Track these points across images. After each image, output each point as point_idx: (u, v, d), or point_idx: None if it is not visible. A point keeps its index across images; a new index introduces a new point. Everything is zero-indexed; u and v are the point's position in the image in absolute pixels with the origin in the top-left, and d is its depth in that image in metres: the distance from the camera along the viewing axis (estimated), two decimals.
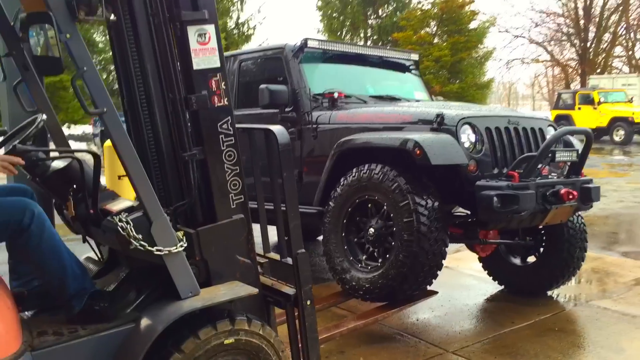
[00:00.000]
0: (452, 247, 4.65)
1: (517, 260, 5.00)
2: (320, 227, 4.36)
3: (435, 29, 27.58)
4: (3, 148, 2.48)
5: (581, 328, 4.29)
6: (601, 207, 9.06)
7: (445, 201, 3.98)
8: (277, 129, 2.88)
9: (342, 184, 4.15)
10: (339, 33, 30.84)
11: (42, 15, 2.13)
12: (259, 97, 4.51)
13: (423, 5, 28.00)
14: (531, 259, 4.96)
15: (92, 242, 2.98)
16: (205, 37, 2.61)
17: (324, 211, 4.29)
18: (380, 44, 29.17)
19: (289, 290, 2.88)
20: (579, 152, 4.22)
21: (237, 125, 2.78)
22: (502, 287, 5.13)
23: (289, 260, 2.92)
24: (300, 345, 2.87)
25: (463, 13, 27.01)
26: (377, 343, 4.00)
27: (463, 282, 5.43)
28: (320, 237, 4.49)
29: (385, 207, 3.92)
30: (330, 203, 4.21)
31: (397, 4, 30.57)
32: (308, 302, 2.82)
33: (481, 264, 5.18)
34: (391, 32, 28.66)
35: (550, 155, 3.95)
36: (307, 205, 4.40)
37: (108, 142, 5.71)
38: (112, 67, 25.58)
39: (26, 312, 2.61)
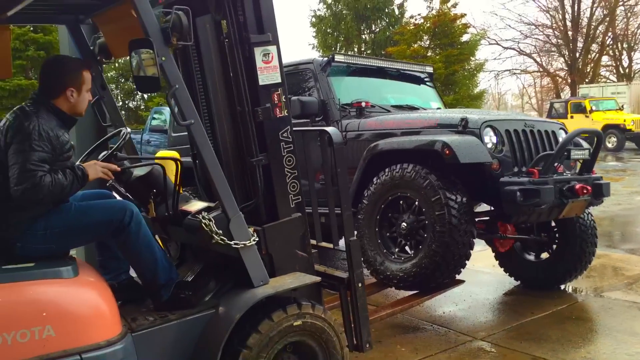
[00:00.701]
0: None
1: (531, 257, 5.37)
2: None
3: (428, 42, 28.09)
4: (100, 156, 2.82)
5: (596, 316, 4.64)
6: (601, 209, 9.43)
7: (470, 198, 4.34)
8: (331, 129, 3.27)
9: (375, 182, 4.51)
10: (333, 48, 31.30)
11: (143, 41, 2.48)
12: (291, 107, 4.86)
13: (416, 19, 28.50)
14: (544, 255, 5.32)
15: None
16: (269, 57, 2.97)
17: (356, 211, 4.63)
18: None
19: (342, 274, 3.23)
20: (591, 151, 4.61)
21: (295, 128, 3.13)
22: (518, 282, 5.48)
23: (342, 247, 3.27)
24: (352, 323, 3.21)
25: (455, 27, 27.52)
26: (410, 333, 4.34)
27: (481, 279, 5.78)
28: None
29: (417, 203, 4.29)
30: (364, 201, 4.57)
31: (390, 19, 31.08)
32: (359, 285, 3.18)
33: (498, 262, 5.53)
34: (385, 46, 29.12)
35: (566, 153, 4.35)
36: (338, 207, 4.74)
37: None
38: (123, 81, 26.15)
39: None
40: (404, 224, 4.37)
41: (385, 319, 4.55)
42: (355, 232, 4.67)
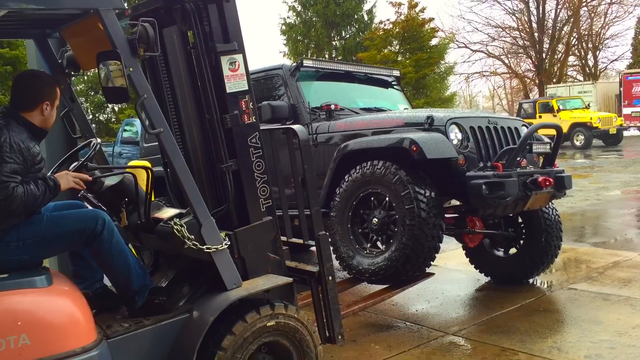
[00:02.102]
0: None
1: (500, 253, 5.53)
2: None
3: (398, 47, 28.45)
4: (72, 166, 2.86)
5: (563, 307, 4.80)
6: (569, 205, 9.72)
7: (440, 194, 4.46)
8: (297, 127, 3.36)
9: (346, 180, 4.63)
10: (304, 55, 31.47)
11: (111, 53, 2.54)
12: (262, 112, 4.95)
13: (385, 25, 28.86)
14: (512, 250, 5.48)
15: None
16: (235, 65, 3.04)
17: (327, 212, 4.72)
18: None
19: (313, 268, 3.31)
20: (552, 145, 4.79)
21: (262, 127, 3.21)
22: (488, 278, 5.62)
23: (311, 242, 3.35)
24: (324, 317, 3.30)
25: (424, 31, 27.95)
26: (384, 331, 4.43)
27: (452, 277, 5.91)
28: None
29: (387, 198, 4.42)
30: (335, 198, 4.68)
31: (359, 25, 31.41)
32: (330, 278, 3.27)
33: (468, 259, 5.67)
34: (355, 52, 29.41)
35: (528, 147, 4.52)
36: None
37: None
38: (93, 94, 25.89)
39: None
40: (375, 219, 4.49)
41: (360, 319, 4.67)
42: (329, 230, 4.80)
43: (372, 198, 4.55)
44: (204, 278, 3.02)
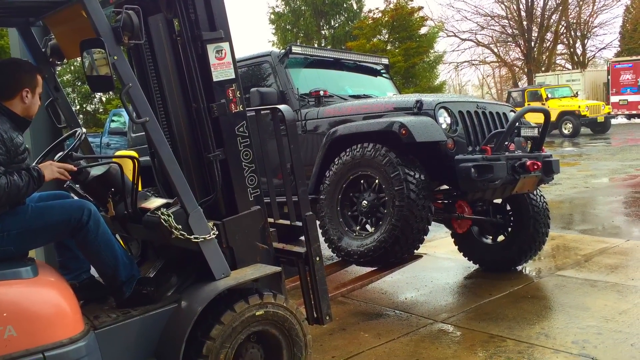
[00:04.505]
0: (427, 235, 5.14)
1: (488, 240, 5.56)
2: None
3: (387, 36, 28.35)
4: (57, 157, 2.83)
5: (551, 294, 4.83)
6: (557, 193, 9.79)
7: (429, 178, 4.46)
8: (283, 107, 3.35)
9: (336, 163, 4.63)
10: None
11: (94, 41, 2.50)
12: (251, 99, 4.92)
13: (374, 14, 28.74)
14: (501, 238, 5.51)
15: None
16: (222, 53, 3.01)
17: (317, 198, 4.72)
18: None
19: (300, 249, 3.31)
20: (539, 129, 4.81)
21: (247, 109, 3.18)
22: (477, 265, 5.65)
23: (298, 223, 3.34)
24: (312, 297, 3.30)
25: (413, 20, 27.86)
26: (373, 319, 4.44)
27: (441, 265, 5.94)
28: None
29: (377, 180, 4.43)
30: (325, 182, 4.68)
31: (349, 14, 31.28)
32: (317, 259, 3.27)
33: (457, 247, 5.70)
34: (344, 41, 29.30)
35: (516, 131, 4.54)
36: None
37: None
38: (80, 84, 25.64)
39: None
40: (365, 202, 4.51)
41: (349, 308, 4.69)
42: (318, 213, 4.80)
43: (361, 181, 4.56)
44: (192, 268, 3.01)
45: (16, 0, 2.73)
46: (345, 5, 31.01)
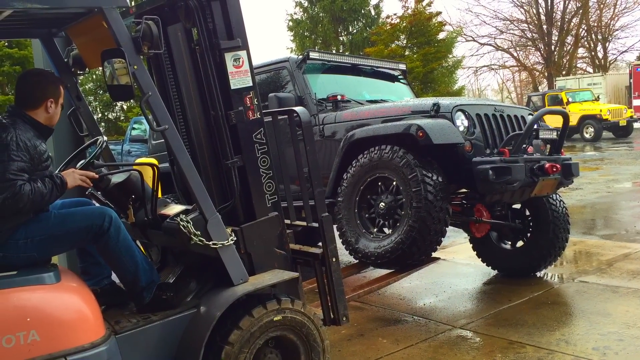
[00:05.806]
0: (445, 240, 5.13)
1: (507, 246, 5.52)
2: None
3: (405, 41, 28.30)
4: (79, 164, 2.89)
5: (571, 300, 4.79)
6: (578, 198, 9.69)
7: (447, 180, 4.46)
8: (299, 109, 3.37)
9: (354, 165, 4.65)
10: None
11: (115, 51, 2.56)
12: (269, 104, 4.95)
13: (392, 19, 28.71)
14: (520, 243, 5.47)
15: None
16: (239, 62, 3.06)
17: (334, 201, 4.73)
18: None
19: (316, 250, 3.33)
20: (558, 132, 4.78)
21: (264, 111, 3.21)
22: (496, 271, 5.62)
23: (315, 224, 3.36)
24: (329, 299, 3.31)
25: (431, 25, 27.78)
26: (391, 325, 4.44)
27: (460, 271, 5.91)
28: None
29: (394, 182, 4.44)
30: (343, 184, 4.69)
31: (367, 20, 31.30)
32: (334, 259, 3.28)
33: (476, 252, 5.67)
34: (363, 47, 29.30)
35: (534, 133, 4.53)
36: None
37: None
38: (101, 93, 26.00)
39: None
40: (382, 203, 4.52)
41: (368, 313, 4.69)
42: (336, 215, 4.80)
43: (379, 182, 4.58)
44: (210, 274, 3.05)
45: (38, 12, 2.80)
46: (363, 12, 31.04)
